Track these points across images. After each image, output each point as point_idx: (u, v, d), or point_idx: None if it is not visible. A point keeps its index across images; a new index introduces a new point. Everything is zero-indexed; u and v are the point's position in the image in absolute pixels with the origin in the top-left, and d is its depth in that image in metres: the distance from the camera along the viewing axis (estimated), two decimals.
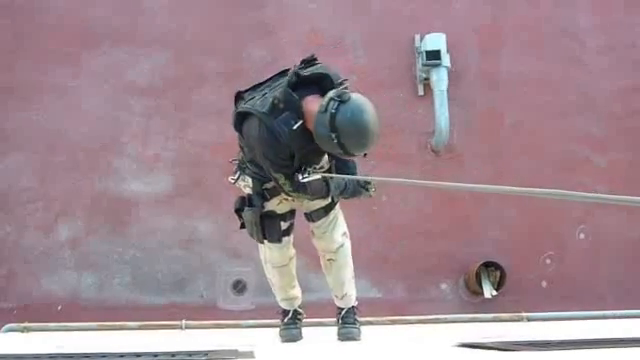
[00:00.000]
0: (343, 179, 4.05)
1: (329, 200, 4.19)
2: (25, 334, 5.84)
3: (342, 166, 4.16)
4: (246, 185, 4.23)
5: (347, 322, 4.47)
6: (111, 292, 7.60)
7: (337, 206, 4.29)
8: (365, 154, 3.89)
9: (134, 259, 7.68)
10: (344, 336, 4.44)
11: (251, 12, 8.15)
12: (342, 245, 4.31)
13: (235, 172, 4.29)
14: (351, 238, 4.53)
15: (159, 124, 7.93)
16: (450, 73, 8.04)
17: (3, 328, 6.02)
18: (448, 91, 7.99)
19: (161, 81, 8.00)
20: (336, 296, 4.53)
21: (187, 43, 8.05)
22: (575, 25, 8.43)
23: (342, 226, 4.31)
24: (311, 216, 4.27)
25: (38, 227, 7.67)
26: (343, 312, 4.54)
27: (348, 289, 4.44)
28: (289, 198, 4.14)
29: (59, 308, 7.43)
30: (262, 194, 4.14)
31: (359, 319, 4.54)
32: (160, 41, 8.03)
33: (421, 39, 8.13)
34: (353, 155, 3.88)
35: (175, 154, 7.89)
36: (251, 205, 4.14)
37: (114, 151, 7.85)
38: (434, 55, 7.98)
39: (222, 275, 7.72)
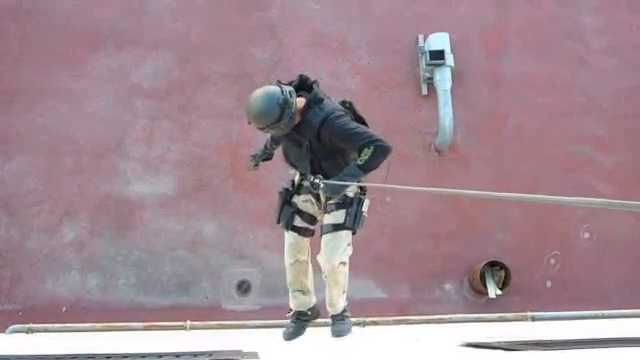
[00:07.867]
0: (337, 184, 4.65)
1: (341, 221, 4.68)
2: (30, 335, 5.86)
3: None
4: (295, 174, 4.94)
5: (337, 319, 4.81)
6: (116, 293, 7.61)
7: (344, 236, 4.69)
8: (261, 129, 4.61)
9: (139, 260, 7.69)
10: (335, 333, 4.75)
11: (255, 14, 8.16)
12: (333, 271, 4.68)
13: None
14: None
15: (163, 126, 7.94)
16: (454, 73, 8.04)
17: (8, 329, 6.05)
18: (452, 91, 7.99)
19: (165, 83, 8.01)
20: (327, 302, 4.84)
21: (191, 45, 8.06)
22: (579, 26, 8.42)
23: (342, 256, 4.68)
24: (322, 228, 4.75)
25: (43, 229, 7.68)
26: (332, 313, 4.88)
27: (336, 302, 4.80)
28: (314, 201, 4.77)
29: (64, 309, 7.44)
30: (298, 187, 4.85)
31: (349, 315, 4.83)
32: (165, 43, 8.05)
33: (425, 39, 8.13)
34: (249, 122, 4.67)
35: (179, 156, 7.90)
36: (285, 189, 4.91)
37: (119, 153, 7.86)
38: (438, 55, 7.98)
39: (226, 276, 7.73)
